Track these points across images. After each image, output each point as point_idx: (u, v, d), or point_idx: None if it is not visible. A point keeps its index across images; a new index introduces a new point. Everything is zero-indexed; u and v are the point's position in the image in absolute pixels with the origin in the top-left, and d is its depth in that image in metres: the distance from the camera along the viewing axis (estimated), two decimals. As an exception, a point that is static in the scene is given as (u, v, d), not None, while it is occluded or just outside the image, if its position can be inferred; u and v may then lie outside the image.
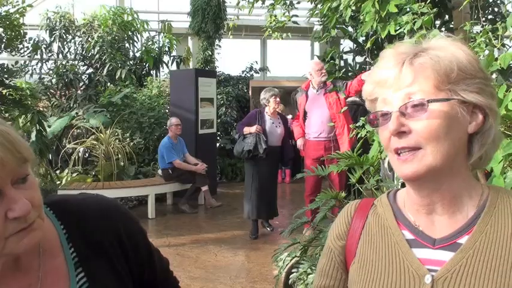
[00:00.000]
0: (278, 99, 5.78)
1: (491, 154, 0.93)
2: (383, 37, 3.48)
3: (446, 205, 0.92)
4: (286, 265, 3.23)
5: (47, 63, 10.41)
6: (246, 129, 5.71)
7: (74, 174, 7.68)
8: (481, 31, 2.60)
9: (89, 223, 0.98)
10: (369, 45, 3.56)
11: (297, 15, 5.85)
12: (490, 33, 2.52)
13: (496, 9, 5.80)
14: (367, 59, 5.50)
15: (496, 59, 2.23)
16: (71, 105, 9.48)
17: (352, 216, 1.07)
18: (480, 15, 3.54)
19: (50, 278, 0.91)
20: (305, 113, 5.63)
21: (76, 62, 10.46)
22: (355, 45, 7.81)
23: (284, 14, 5.73)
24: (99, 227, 0.99)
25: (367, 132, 3.19)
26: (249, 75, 11.43)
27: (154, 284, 1.15)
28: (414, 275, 0.90)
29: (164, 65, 11.01)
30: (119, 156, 7.68)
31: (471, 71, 0.88)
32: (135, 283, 1.05)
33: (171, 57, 11.20)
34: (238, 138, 5.87)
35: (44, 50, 10.27)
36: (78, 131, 8.85)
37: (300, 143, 5.74)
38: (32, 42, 10.03)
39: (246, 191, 5.88)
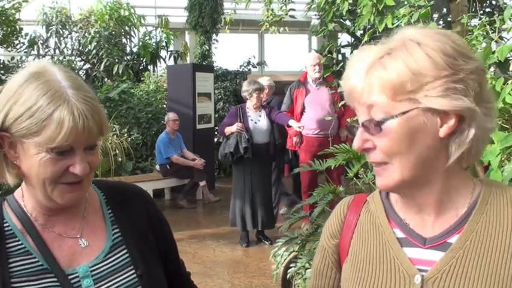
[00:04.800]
0: (262, 95, 5.28)
1: (480, 149, 0.88)
2: (380, 30, 3.46)
3: (432, 205, 0.89)
4: (285, 260, 3.22)
5: (43, 58, 10.36)
6: (227, 130, 5.13)
7: (72, 170, 7.66)
8: (478, 24, 2.58)
9: (124, 196, 1.17)
10: (366, 38, 3.54)
11: (294, 9, 5.81)
12: (487, 26, 2.51)
13: (493, 2, 5.77)
14: (365, 53, 5.47)
15: (494, 52, 2.22)
16: (68, 101, 9.45)
17: (345, 214, 1.04)
18: (478, 8, 3.53)
19: (90, 226, 1.09)
20: (302, 108, 5.56)
21: (73, 58, 10.44)
22: (352, 39, 7.78)
23: (281, 8, 5.70)
24: (133, 200, 1.17)
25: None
26: (246, 69, 11.39)
27: (178, 278, 1.28)
28: (404, 274, 0.89)
29: (161, 60, 10.97)
30: (117, 151, 7.66)
31: (432, 72, 0.80)
32: (161, 259, 1.17)
33: (169, 52, 11.17)
34: (222, 141, 5.32)
35: (40, 45, 10.24)
36: (76, 126, 8.82)
37: (296, 140, 5.64)
38: (28, 37, 9.98)
39: (236, 200, 5.24)
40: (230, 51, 11.57)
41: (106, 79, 9.72)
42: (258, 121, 5.23)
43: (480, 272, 0.83)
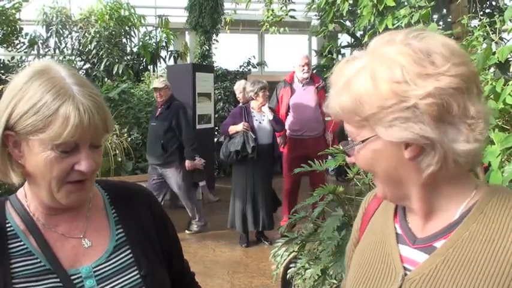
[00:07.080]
0: (268, 93, 5.24)
1: (479, 155, 0.84)
2: (380, 31, 3.47)
3: (422, 211, 0.89)
4: (284, 260, 3.22)
5: (43, 58, 10.35)
6: (232, 129, 5.13)
7: (72, 170, 7.64)
8: (478, 25, 2.59)
9: (128, 196, 1.17)
10: (366, 39, 3.55)
11: (294, 10, 5.82)
12: (487, 27, 2.51)
13: (493, 3, 5.78)
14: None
15: (494, 53, 2.22)
16: (68, 101, 9.45)
17: (368, 203, 1.10)
18: (478, 9, 3.53)
19: (94, 226, 1.08)
20: (288, 108, 5.50)
21: (73, 58, 10.41)
22: (352, 40, 7.78)
23: (281, 8, 5.70)
24: (137, 200, 1.17)
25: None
26: (246, 70, 11.39)
27: (182, 278, 1.28)
28: (393, 270, 0.91)
29: (161, 60, 10.96)
30: (117, 151, 7.65)
31: (378, 103, 0.78)
32: (165, 261, 1.17)
33: (169, 52, 11.16)
34: (223, 140, 5.32)
35: (40, 45, 10.22)
36: (76, 126, 8.82)
37: (280, 140, 5.53)
38: (28, 37, 9.98)
39: (237, 200, 5.23)
40: (230, 51, 11.56)
41: (106, 79, 9.70)
42: (262, 121, 5.23)
43: (456, 283, 0.80)
